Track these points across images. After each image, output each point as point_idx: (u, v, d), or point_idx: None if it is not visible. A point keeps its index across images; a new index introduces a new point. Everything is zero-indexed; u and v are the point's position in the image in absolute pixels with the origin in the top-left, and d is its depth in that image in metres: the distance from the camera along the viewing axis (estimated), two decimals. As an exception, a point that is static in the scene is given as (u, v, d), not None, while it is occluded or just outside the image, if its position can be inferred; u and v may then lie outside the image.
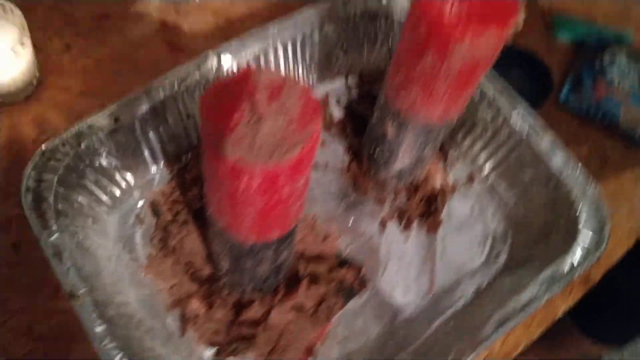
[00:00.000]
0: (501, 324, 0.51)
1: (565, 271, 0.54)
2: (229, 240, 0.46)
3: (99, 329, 0.46)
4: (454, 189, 0.64)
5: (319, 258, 0.59)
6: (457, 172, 0.66)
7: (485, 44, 0.43)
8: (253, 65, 0.60)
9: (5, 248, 0.56)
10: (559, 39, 0.78)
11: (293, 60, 0.64)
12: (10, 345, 0.52)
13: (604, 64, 0.73)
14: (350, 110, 0.67)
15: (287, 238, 0.47)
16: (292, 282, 0.56)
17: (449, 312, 0.58)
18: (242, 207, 0.40)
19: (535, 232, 0.60)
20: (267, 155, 0.35)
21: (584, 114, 0.72)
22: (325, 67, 0.67)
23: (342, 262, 0.59)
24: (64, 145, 0.52)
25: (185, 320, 0.54)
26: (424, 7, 0.44)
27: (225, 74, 0.58)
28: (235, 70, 0.58)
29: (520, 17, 0.43)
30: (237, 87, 0.38)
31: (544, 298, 0.52)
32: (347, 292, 0.57)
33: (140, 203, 0.59)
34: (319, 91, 0.68)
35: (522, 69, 0.75)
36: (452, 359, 0.49)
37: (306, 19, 0.62)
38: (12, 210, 0.57)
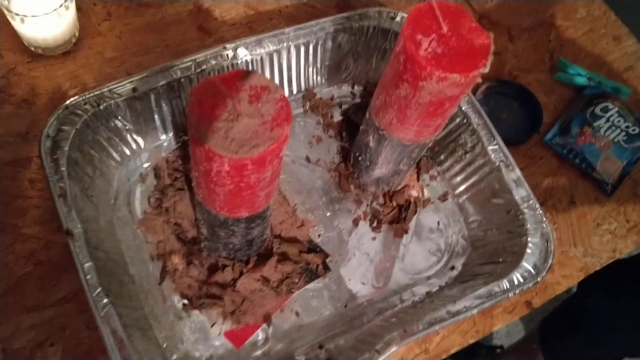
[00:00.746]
0: (431, 324, 0.57)
1: (500, 291, 0.60)
2: (206, 210, 0.54)
3: (87, 264, 0.54)
4: (426, 203, 0.70)
5: (292, 241, 0.66)
6: (434, 188, 0.72)
7: (451, 85, 0.49)
8: (253, 66, 0.66)
9: (23, 182, 0.64)
10: (559, 79, 0.83)
11: (305, 62, 0.71)
12: (12, 265, 0.60)
13: (595, 111, 0.78)
14: (347, 116, 0.74)
15: (257, 218, 0.54)
16: (264, 257, 0.63)
17: (396, 308, 0.65)
18: (215, 186, 0.47)
19: (488, 252, 0.67)
20: (236, 147, 0.42)
21: (565, 155, 0.77)
22: (334, 73, 0.74)
23: (312, 248, 0.66)
24: (85, 103, 0.60)
25: (164, 272, 0.62)
26: (405, 39, 0.50)
27: (239, 65, 0.65)
28: (249, 61, 0.66)
29: (484, 70, 0.49)
30: (226, 85, 0.45)
31: (475, 310, 0.59)
32: (311, 274, 0.65)
33: (146, 165, 0.67)
34: (326, 93, 0.75)
35: (518, 103, 0.80)
36: (379, 347, 0.55)
37: (323, 27, 0.69)
38: (33, 151, 0.65)
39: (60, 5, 0.64)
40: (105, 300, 0.53)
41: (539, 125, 0.78)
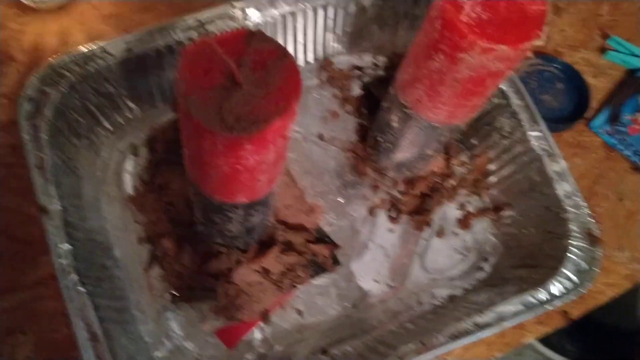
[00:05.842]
0: (453, 338, 0.50)
1: (539, 302, 0.53)
2: (198, 192, 0.46)
3: (62, 246, 0.47)
4: (453, 193, 0.62)
5: (298, 228, 0.59)
6: (462, 176, 0.64)
7: (496, 58, 0.41)
8: (263, 29, 0.58)
9: (5, 148, 0.58)
10: (610, 59, 0.74)
11: (323, 27, 0.63)
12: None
13: (649, 100, 0.69)
14: (369, 90, 0.65)
15: (258, 205, 0.47)
16: (265, 245, 0.56)
17: (413, 312, 0.57)
18: (208, 167, 0.40)
19: (523, 254, 0.59)
20: (232, 123, 0.35)
21: (614, 145, 0.68)
22: (355, 40, 0.66)
23: (321, 238, 0.59)
24: (72, 63, 0.52)
25: (153, 257, 0.55)
26: (444, 3, 0.41)
27: (249, 27, 0.57)
28: (260, 23, 0.58)
29: (538, 42, 0.41)
30: (225, 47, 0.37)
31: (506, 324, 0.51)
32: (317, 268, 0.57)
33: (139, 135, 0.59)
34: (346, 63, 0.67)
35: (563, 83, 0.71)
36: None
37: (346, -13, 0.60)
38: (16, 114, 0.58)
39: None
40: (80, 289, 0.46)
41: (585, 110, 0.69)
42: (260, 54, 0.37)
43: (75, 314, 0.46)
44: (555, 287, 0.53)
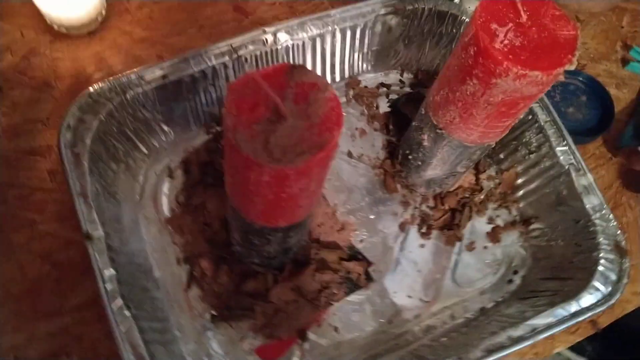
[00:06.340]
0: (489, 352, 0.51)
1: (570, 313, 0.53)
2: (239, 217, 0.47)
3: (107, 271, 0.48)
4: (482, 207, 0.63)
5: (331, 246, 0.60)
6: (490, 190, 0.65)
7: (529, 83, 0.42)
8: (294, 52, 0.60)
9: (42, 172, 0.59)
10: (632, 70, 0.75)
11: (350, 46, 0.64)
12: (27, 266, 0.55)
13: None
14: (396, 107, 0.66)
15: (296, 227, 0.48)
16: (300, 264, 0.57)
17: (447, 326, 0.58)
18: (252, 195, 0.41)
19: (552, 267, 0.60)
20: (279, 156, 0.36)
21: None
22: (382, 58, 0.67)
23: (354, 255, 0.60)
24: (110, 91, 0.54)
25: (192, 277, 0.56)
26: (478, 29, 0.42)
27: (279, 51, 0.58)
28: (290, 46, 0.59)
29: (570, 67, 0.42)
30: (268, 81, 0.38)
31: (541, 335, 0.52)
32: (352, 285, 0.58)
33: (174, 158, 0.61)
34: (372, 81, 0.68)
35: (587, 96, 0.72)
36: (429, 376, 0.49)
37: (372, 8, 0.62)
38: (54, 139, 0.59)
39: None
40: (126, 313, 0.48)
41: (611, 122, 0.70)
42: (301, 87, 0.38)
43: (122, 338, 0.47)
44: (586, 299, 0.54)
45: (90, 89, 0.53)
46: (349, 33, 0.62)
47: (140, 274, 0.54)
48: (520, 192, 0.64)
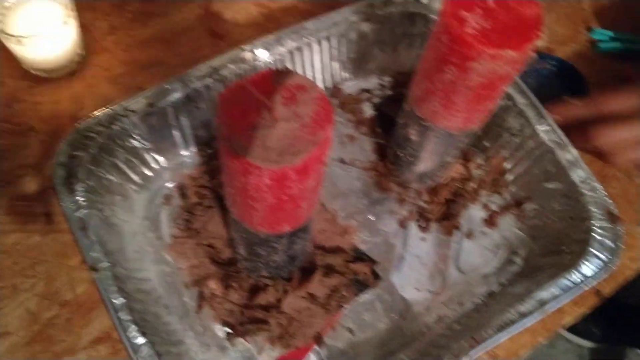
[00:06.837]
0: (501, 328, 0.52)
1: (574, 283, 0.54)
2: (243, 229, 0.48)
3: (117, 301, 0.49)
4: (475, 195, 0.65)
5: (336, 250, 0.60)
6: (480, 178, 0.66)
7: (504, 62, 0.44)
8: (275, 66, 0.61)
9: (38, 216, 0.59)
10: (600, 50, 0.77)
11: (328, 56, 0.65)
12: (36, 309, 0.55)
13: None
14: (380, 110, 0.68)
15: (300, 232, 0.49)
16: (308, 271, 0.58)
17: (458, 314, 0.59)
18: (254, 202, 0.42)
19: (550, 242, 0.61)
20: (277, 157, 0.37)
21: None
22: (360, 65, 0.69)
23: (358, 256, 0.61)
24: (98, 124, 0.55)
25: (202, 299, 0.57)
26: (448, 18, 0.44)
27: (259, 67, 0.60)
28: (270, 61, 0.60)
29: (539, 42, 0.44)
30: (257, 87, 0.39)
31: (548, 307, 0.53)
32: (360, 285, 0.59)
33: (169, 184, 0.61)
34: (354, 87, 0.70)
35: (559, 79, 0.74)
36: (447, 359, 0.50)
37: (344, 17, 0.63)
38: (46, 182, 0.61)
39: (59, 21, 0.60)
40: (141, 340, 0.48)
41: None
42: (289, 89, 0.40)
43: (142, 365, 0.47)
44: (587, 268, 0.55)
45: (78, 125, 0.54)
46: (325, 43, 0.63)
47: (151, 301, 0.54)
48: (510, 176, 0.65)
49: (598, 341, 1.53)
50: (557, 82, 0.74)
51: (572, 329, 1.52)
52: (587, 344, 1.55)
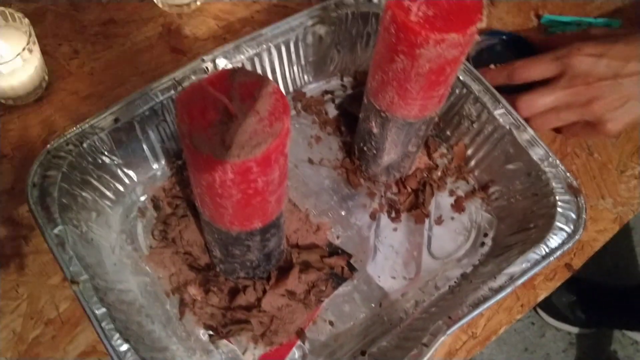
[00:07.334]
0: (475, 305, 0.53)
1: (541, 256, 0.56)
2: (216, 229, 0.50)
3: (99, 311, 0.50)
4: (441, 182, 0.67)
5: (311, 247, 0.62)
6: (445, 166, 0.68)
7: (449, 46, 0.46)
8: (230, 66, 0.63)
9: (16, 239, 0.60)
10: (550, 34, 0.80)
11: (288, 61, 0.67)
12: (21, 328, 0.56)
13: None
14: (343, 109, 0.70)
15: (271, 228, 0.50)
16: (285, 270, 0.59)
17: (434, 297, 0.61)
18: (222, 199, 0.43)
19: (517, 220, 0.63)
20: (237, 151, 0.38)
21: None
22: (320, 67, 0.71)
23: (333, 251, 0.62)
24: (67, 144, 0.56)
25: (183, 305, 0.58)
26: (393, 10, 0.46)
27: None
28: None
29: (481, 24, 0.46)
30: (214, 87, 0.41)
31: (519, 281, 0.55)
32: (337, 278, 0.61)
33: (142, 198, 0.63)
34: (316, 90, 0.72)
35: (514, 52, 0.75)
36: (426, 340, 0.51)
37: (299, 22, 0.65)
38: (22, 206, 0.62)
39: (23, 49, 0.61)
40: (125, 347, 0.49)
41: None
42: (245, 86, 0.41)
43: (129, 372, 0.48)
44: (554, 241, 0.57)
45: (48, 146, 0.55)
46: (283, 48, 0.65)
47: (133, 311, 0.55)
48: (473, 162, 0.67)
49: (585, 326, 1.55)
50: (510, 56, 0.75)
51: (560, 316, 1.54)
52: (574, 329, 1.57)
